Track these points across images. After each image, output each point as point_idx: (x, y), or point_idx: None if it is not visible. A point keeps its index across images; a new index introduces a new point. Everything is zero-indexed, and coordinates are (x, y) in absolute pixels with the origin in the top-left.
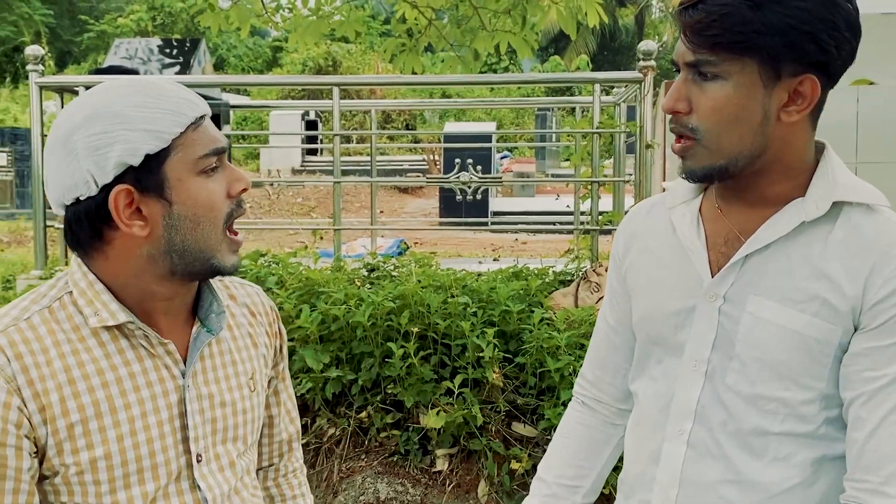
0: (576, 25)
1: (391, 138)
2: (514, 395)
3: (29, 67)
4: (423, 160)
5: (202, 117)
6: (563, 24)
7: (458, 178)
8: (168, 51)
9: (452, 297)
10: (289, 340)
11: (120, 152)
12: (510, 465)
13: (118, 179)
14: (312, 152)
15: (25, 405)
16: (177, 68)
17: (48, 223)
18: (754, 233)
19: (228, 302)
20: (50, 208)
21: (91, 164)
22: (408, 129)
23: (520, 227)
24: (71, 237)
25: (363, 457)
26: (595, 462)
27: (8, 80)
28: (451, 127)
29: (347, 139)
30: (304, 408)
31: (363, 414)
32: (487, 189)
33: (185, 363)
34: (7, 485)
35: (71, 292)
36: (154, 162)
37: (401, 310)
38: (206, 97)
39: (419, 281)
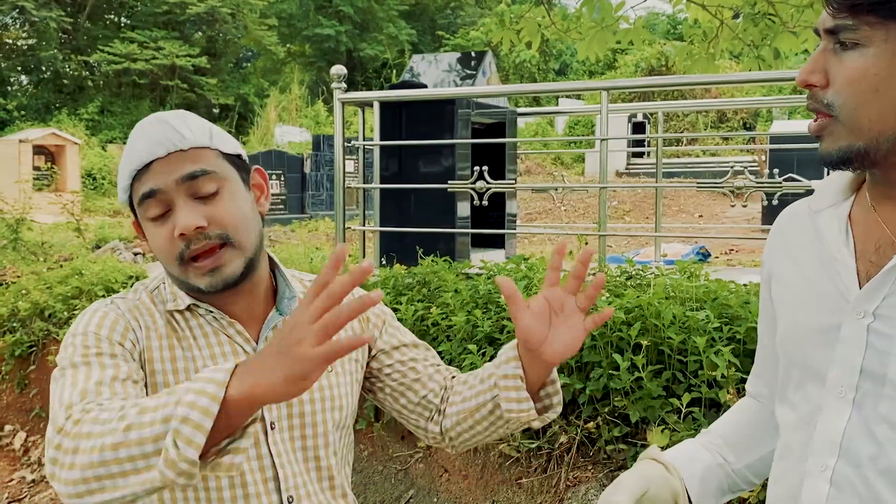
0: None
1: (725, 138)
2: None
3: (333, 85)
4: (754, 161)
5: (148, 165)
6: None
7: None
8: (457, 64)
9: (692, 310)
10: None
11: (119, 192)
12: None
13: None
14: (638, 155)
15: (136, 335)
16: (469, 81)
17: (346, 225)
18: None
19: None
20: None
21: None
22: (745, 127)
23: None
24: None
25: (590, 467)
26: (759, 431)
27: None
28: (779, 126)
29: (675, 141)
30: None
31: (591, 424)
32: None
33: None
34: (108, 367)
35: (165, 281)
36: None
37: (633, 320)
38: (491, 106)
39: (667, 289)
